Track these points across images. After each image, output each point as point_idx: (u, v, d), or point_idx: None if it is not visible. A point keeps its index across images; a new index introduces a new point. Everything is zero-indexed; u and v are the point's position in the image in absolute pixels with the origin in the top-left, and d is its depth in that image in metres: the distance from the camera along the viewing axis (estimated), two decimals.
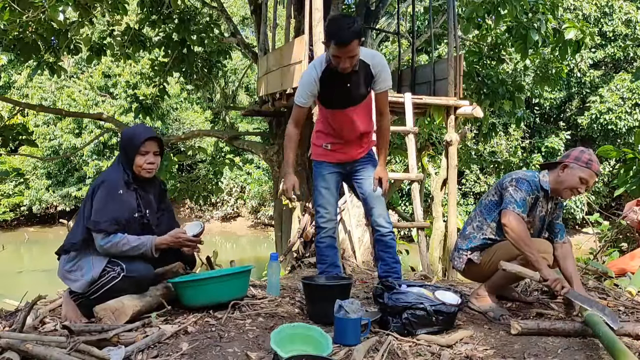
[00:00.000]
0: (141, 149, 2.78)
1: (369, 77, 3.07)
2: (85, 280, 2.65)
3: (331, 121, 3.23)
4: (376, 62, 3.07)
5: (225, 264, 5.24)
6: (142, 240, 2.71)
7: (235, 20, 13.91)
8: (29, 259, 17.43)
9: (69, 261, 2.73)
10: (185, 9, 8.62)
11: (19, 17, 5.41)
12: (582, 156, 2.92)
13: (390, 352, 2.34)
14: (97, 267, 2.66)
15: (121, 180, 2.75)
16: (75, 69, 21.62)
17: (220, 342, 2.39)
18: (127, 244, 2.67)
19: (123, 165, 2.80)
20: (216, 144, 15.11)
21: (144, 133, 2.82)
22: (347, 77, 3.02)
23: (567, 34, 7.15)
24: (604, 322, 2.42)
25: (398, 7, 9.56)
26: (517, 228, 2.81)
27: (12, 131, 7.62)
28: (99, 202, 2.68)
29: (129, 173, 2.79)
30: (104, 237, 2.65)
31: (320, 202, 3.32)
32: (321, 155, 3.31)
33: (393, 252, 3.30)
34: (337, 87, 3.06)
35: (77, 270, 2.70)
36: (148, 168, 2.81)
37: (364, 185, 3.29)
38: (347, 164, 3.32)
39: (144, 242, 2.71)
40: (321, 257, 3.40)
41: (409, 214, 12.50)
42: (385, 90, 3.15)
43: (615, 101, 16.04)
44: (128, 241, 2.68)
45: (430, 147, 10.03)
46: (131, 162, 2.79)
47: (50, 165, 20.85)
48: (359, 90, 3.09)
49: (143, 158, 2.79)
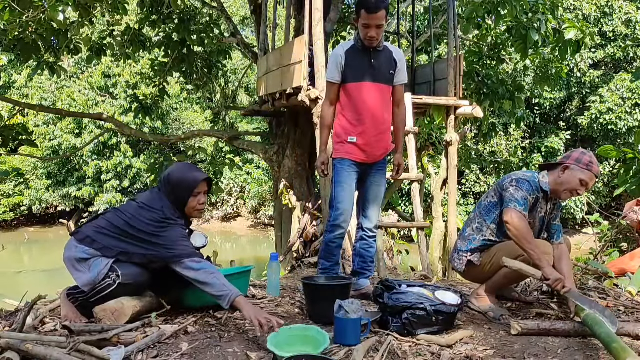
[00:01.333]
0: (195, 191, 2.76)
1: (393, 63, 3.33)
2: (90, 276, 2.64)
3: (357, 102, 3.28)
4: (399, 53, 3.41)
5: (225, 264, 5.24)
6: (227, 289, 2.53)
7: (235, 20, 13.93)
8: (29, 259, 17.44)
9: (85, 252, 2.68)
10: (185, 9, 8.62)
11: (19, 17, 5.41)
12: (583, 158, 2.92)
13: (390, 352, 2.34)
14: (102, 269, 2.64)
15: (179, 220, 2.73)
16: (75, 69, 21.62)
17: (220, 342, 2.39)
18: (217, 283, 2.54)
19: (174, 204, 2.75)
20: (216, 144, 15.10)
21: (199, 175, 2.79)
22: (372, 54, 3.26)
23: (567, 34, 7.14)
24: (602, 322, 2.42)
25: (398, 7, 9.56)
26: (520, 225, 2.81)
27: (12, 131, 7.61)
28: (175, 234, 2.65)
29: (179, 214, 2.75)
30: (199, 262, 2.60)
31: (341, 199, 3.33)
32: (346, 153, 3.34)
33: (373, 252, 3.54)
34: (363, 60, 3.27)
35: (85, 264, 2.68)
36: (201, 209, 2.81)
37: (370, 191, 3.44)
38: (366, 165, 3.38)
39: (227, 293, 2.52)
40: (330, 255, 3.43)
41: (409, 214, 12.50)
42: (403, 84, 3.44)
43: (615, 101, 16.03)
44: (219, 279, 2.56)
45: (430, 147, 10.04)
46: (184, 204, 2.77)
47: (50, 165, 20.85)
48: (382, 69, 3.30)
49: (196, 199, 2.77)
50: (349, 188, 3.34)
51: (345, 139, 3.32)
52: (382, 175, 3.46)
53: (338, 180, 3.35)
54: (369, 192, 3.44)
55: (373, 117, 3.28)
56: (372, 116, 3.27)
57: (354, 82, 3.27)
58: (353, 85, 3.28)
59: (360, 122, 3.28)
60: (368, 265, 3.49)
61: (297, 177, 7.95)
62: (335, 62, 3.27)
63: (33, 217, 22.10)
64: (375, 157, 3.37)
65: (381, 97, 3.30)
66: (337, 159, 3.37)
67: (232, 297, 2.50)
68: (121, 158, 20.07)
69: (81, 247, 2.70)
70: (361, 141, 3.28)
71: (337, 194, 3.35)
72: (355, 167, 3.34)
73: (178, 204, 2.76)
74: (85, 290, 2.66)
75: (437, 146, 10.74)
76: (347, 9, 10.66)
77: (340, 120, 3.36)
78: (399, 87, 3.41)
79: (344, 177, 3.33)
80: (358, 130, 3.29)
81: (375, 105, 3.28)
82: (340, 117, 3.36)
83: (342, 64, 3.26)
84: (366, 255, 3.48)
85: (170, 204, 2.75)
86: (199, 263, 2.60)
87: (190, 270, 2.58)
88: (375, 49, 3.27)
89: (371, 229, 3.46)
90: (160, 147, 18.82)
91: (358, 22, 3.18)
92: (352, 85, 3.28)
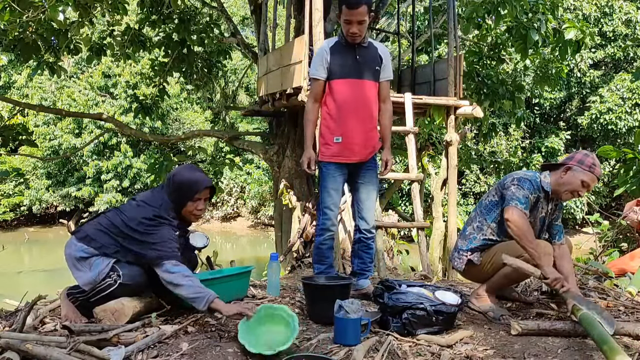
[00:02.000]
0: (196, 196, 2.76)
1: (378, 59, 3.34)
2: (90, 276, 2.63)
3: (342, 99, 3.27)
4: (384, 49, 3.42)
5: (225, 264, 5.24)
6: (203, 292, 2.50)
7: (235, 20, 13.92)
8: (29, 259, 17.44)
9: (85, 252, 2.69)
10: (185, 9, 8.61)
11: (19, 17, 5.41)
12: (586, 160, 2.93)
13: (390, 352, 2.34)
14: (103, 269, 2.64)
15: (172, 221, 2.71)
16: (75, 69, 21.62)
17: (220, 342, 2.39)
18: (191, 285, 2.52)
19: (172, 204, 2.74)
20: (216, 144, 15.13)
21: (204, 181, 2.78)
22: (357, 50, 3.27)
23: (567, 34, 7.14)
24: (598, 323, 2.42)
25: (398, 7, 9.55)
26: (520, 223, 2.81)
27: (12, 131, 7.61)
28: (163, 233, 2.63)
29: (175, 215, 2.74)
30: (177, 264, 2.58)
31: (328, 204, 3.35)
32: (331, 157, 3.32)
33: (372, 253, 3.53)
34: (347, 57, 3.27)
35: (86, 263, 2.68)
36: (198, 214, 2.81)
37: (362, 191, 3.42)
38: (353, 166, 3.36)
39: (204, 295, 2.48)
40: (322, 258, 3.42)
41: (409, 214, 12.50)
42: (388, 80, 3.45)
43: (615, 101, 16.03)
44: (193, 282, 2.54)
45: (430, 147, 10.02)
46: (182, 206, 2.76)
47: (50, 165, 20.85)
48: (367, 64, 3.30)
49: (194, 204, 2.77)
50: (335, 193, 3.34)
51: (331, 139, 3.30)
52: (372, 175, 3.42)
53: (324, 185, 3.35)
54: (360, 193, 3.42)
55: (359, 114, 3.26)
56: (357, 113, 3.26)
57: (339, 78, 3.27)
58: (338, 82, 3.27)
59: (345, 119, 3.26)
60: (367, 265, 3.49)
61: (297, 177, 7.94)
62: (321, 59, 3.27)
63: (33, 217, 22.10)
64: (363, 155, 3.34)
65: (367, 93, 3.30)
66: (322, 162, 3.36)
67: (210, 298, 2.48)
68: (121, 158, 20.06)
69: (80, 245, 2.70)
70: (347, 140, 3.26)
71: (323, 198, 3.36)
72: (341, 170, 3.33)
73: (177, 205, 2.76)
74: (86, 289, 2.66)
75: (437, 146, 10.72)
76: None
77: (325, 119, 3.35)
78: (385, 83, 3.42)
79: (329, 182, 3.33)
80: (342, 129, 3.27)
81: (361, 102, 3.27)
82: (326, 116, 3.34)
83: (327, 60, 3.26)
84: (365, 256, 3.48)
85: (169, 203, 2.74)
86: (176, 266, 2.57)
87: (167, 272, 2.57)
88: (360, 45, 3.27)
89: (368, 229, 3.44)
90: (160, 147, 18.80)
91: (340, 18, 3.20)
92: (338, 82, 3.28)
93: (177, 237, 2.73)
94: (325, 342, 2.45)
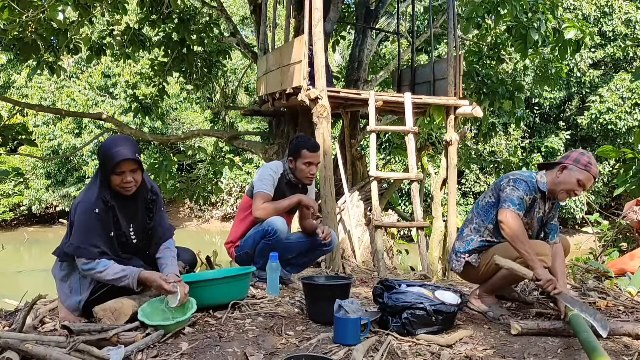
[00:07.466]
0: (116, 170, 2.55)
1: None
2: (74, 301, 2.65)
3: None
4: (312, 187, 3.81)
5: (225, 264, 5.24)
6: (126, 272, 2.55)
7: (235, 20, 13.92)
8: (29, 259, 17.41)
9: (62, 270, 2.71)
10: (185, 9, 8.62)
11: (19, 17, 5.40)
12: (582, 159, 2.91)
13: (390, 352, 2.34)
14: (85, 290, 2.64)
15: (98, 199, 2.56)
16: (75, 69, 21.60)
17: (220, 342, 2.39)
18: (108, 275, 2.53)
19: (102, 182, 2.60)
20: (216, 144, 15.08)
21: (118, 154, 2.53)
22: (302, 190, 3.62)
23: (567, 34, 7.14)
24: (588, 325, 2.41)
25: (398, 7, 9.56)
26: (514, 225, 2.80)
27: (12, 131, 7.60)
28: (78, 224, 2.54)
29: (106, 190, 2.59)
30: (86, 262, 2.54)
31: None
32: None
33: None
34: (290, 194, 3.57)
35: (68, 283, 2.69)
36: (126, 187, 2.59)
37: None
38: None
39: (127, 275, 2.55)
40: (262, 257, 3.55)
41: (409, 214, 12.49)
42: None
43: (615, 101, 16.04)
44: (109, 272, 2.54)
45: (430, 147, 10.02)
46: (108, 180, 2.59)
47: (50, 165, 20.84)
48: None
49: (119, 178, 2.57)
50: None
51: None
52: None
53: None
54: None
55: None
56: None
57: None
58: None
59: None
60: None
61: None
62: (272, 179, 3.51)
63: (33, 217, 22.08)
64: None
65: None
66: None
67: (135, 274, 2.57)
68: None
69: (58, 263, 2.74)
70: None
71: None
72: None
73: (105, 181, 2.60)
74: (76, 314, 2.66)
75: (437, 146, 10.73)
76: (347, 8, 10.67)
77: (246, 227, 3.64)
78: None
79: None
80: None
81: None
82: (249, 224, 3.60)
83: (275, 184, 3.53)
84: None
85: (99, 182, 2.61)
86: (88, 264, 2.53)
87: (83, 271, 2.58)
88: (305, 186, 3.62)
89: None
90: (160, 147, 18.78)
91: (296, 162, 3.50)
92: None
93: (100, 212, 2.55)
94: (325, 342, 2.45)
